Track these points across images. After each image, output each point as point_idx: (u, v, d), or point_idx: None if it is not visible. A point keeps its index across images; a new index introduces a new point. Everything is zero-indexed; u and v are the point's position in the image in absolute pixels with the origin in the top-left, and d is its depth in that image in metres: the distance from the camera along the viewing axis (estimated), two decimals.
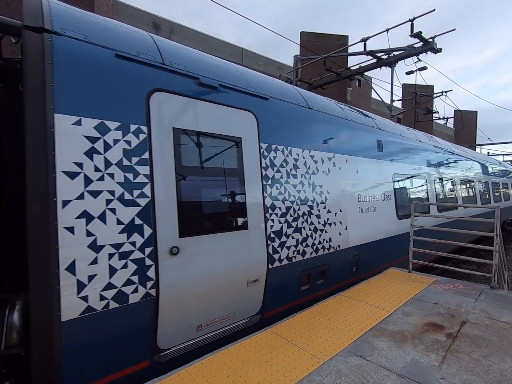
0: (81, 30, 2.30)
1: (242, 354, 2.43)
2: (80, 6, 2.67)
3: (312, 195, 3.85)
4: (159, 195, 2.45)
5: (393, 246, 5.31)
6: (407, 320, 3.07)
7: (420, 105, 15.39)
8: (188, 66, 2.88)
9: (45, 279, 1.93)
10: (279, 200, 3.40)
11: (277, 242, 3.31)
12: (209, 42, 18.19)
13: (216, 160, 2.91)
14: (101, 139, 2.21)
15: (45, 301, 1.94)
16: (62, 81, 2.09)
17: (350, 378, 2.13)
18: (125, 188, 2.29)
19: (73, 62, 2.17)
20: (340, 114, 4.81)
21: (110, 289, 2.16)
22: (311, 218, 3.79)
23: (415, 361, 2.35)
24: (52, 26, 2.14)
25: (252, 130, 3.27)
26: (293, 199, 3.57)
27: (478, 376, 2.18)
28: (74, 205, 2.05)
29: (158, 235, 2.41)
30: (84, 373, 2.13)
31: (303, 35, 17.76)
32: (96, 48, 2.32)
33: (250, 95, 3.35)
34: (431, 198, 6.93)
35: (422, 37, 8.61)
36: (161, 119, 2.55)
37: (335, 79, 11.49)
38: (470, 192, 9.59)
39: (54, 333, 1.94)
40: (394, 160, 5.74)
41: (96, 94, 2.23)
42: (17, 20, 2.23)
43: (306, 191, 3.77)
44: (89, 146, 2.16)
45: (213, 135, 2.91)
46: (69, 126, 2.08)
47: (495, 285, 4.02)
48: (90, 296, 2.08)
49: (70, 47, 2.19)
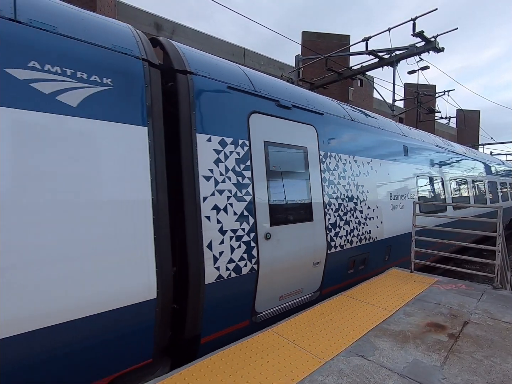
0: (205, 69, 3.03)
1: (244, 354, 2.44)
2: (82, 6, 2.68)
3: (356, 194, 4.61)
4: (257, 193, 3.21)
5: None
6: (409, 320, 3.06)
7: (422, 105, 15.35)
8: (271, 91, 3.64)
9: (196, 253, 2.67)
10: (333, 198, 4.17)
11: (333, 232, 4.08)
12: (210, 42, 18.22)
13: (290, 165, 3.67)
14: (222, 151, 2.98)
15: (196, 269, 2.66)
16: (199, 109, 2.83)
17: (351, 378, 2.13)
18: (237, 188, 3.04)
19: (204, 95, 2.91)
20: (375, 124, 5.58)
21: (231, 262, 2.93)
22: (356, 213, 4.53)
23: (417, 361, 2.35)
24: (190, 68, 2.86)
25: (314, 140, 4.03)
26: (343, 197, 4.33)
27: (480, 376, 2.17)
28: (209, 200, 2.81)
29: (258, 223, 3.18)
30: (214, 323, 2.93)
31: (305, 35, 17.75)
32: (216, 82, 3.06)
33: (311, 111, 4.10)
34: (447, 197, 7.64)
35: (424, 36, 8.58)
36: (256, 134, 3.31)
37: (337, 79, 11.47)
38: (480, 191, 10.20)
39: (201, 292, 2.69)
40: (417, 163, 6.51)
41: (218, 117, 2.99)
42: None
43: (352, 190, 4.53)
44: (216, 156, 2.92)
45: (288, 146, 3.67)
46: (204, 143, 2.84)
47: (497, 285, 4.01)
48: (221, 267, 2.83)
49: (202, 83, 2.91)
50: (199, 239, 2.69)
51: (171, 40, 3.16)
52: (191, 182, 2.72)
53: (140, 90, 2.46)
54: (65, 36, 2.17)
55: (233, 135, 3.08)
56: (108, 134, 2.25)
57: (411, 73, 12.23)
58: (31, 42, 2.00)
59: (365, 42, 9.82)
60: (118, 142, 2.30)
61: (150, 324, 2.41)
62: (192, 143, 2.74)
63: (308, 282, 3.79)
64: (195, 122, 2.77)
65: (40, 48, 2.03)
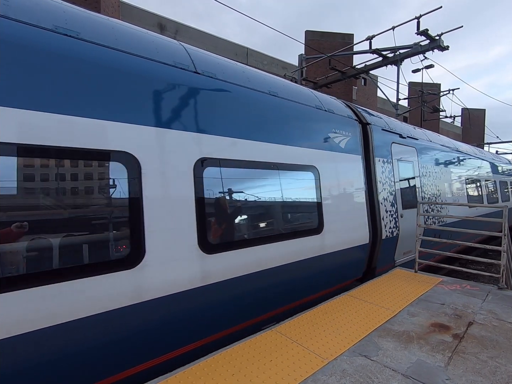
0: (376, 122, 5.46)
1: (247, 353, 2.44)
2: (87, 7, 2.71)
3: (436, 190, 7.15)
4: (401, 188, 5.72)
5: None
6: (413, 320, 3.05)
7: (426, 104, 15.22)
8: (397, 128, 6.12)
9: (379, 223, 4.96)
10: (425, 193, 6.59)
11: (427, 217, 6.73)
12: (213, 42, 18.23)
13: (407, 173, 6.09)
14: (383, 166, 5.30)
15: (379, 231, 4.93)
16: (375, 143, 5.17)
17: (354, 378, 2.13)
18: (389, 187, 5.38)
19: (376, 135, 5.24)
20: (446, 143, 8.52)
21: (390, 229, 5.20)
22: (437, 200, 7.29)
23: (420, 361, 2.34)
24: (369, 122, 5.22)
25: (415, 157, 6.48)
26: (429, 191, 6.75)
27: (485, 377, 2.15)
28: (381, 194, 5.10)
29: (398, 207, 5.50)
30: (380, 262, 5.05)
31: (308, 34, 17.68)
32: (378, 127, 5.43)
33: (413, 138, 6.59)
34: (469, 195, 9.48)
35: (429, 34, 8.51)
36: (394, 155, 5.66)
37: (340, 78, 11.43)
38: (494, 190, 11.78)
39: (379, 244, 4.92)
40: (451, 168, 8.35)
41: (381, 147, 5.34)
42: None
43: (433, 188, 7.01)
44: (381, 169, 5.25)
45: (406, 161, 6.11)
46: (377, 161, 5.16)
47: (503, 285, 3.97)
48: (386, 231, 5.09)
49: (375, 130, 5.27)
50: (377, 216, 4.95)
51: (175, 39, 3.23)
52: (374, 184, 5.01)
53: (358, 136, 4.90)
54: (339, 115, 4.70)
55: (385, 156, 5.39)
56: (352, 159, 4.69)
57: (416, 72, 12.13)
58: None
59: (369, 41, 9.77)
60: (355, 164, 4.74)
61: (364, 256, 4.75)
62: (373, 162, 5.07)
63: (413, 246, 5.18)
64: (374, 150, 5.11)
65: (337, 121, 4.57)
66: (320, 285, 3.99)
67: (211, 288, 2.72)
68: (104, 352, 2.19)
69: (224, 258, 2.85)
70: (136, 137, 2.42)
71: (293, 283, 3.57)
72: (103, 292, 2.15)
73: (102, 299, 2.14)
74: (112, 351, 2.22)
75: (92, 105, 2.24)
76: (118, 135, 2.33)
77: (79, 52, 2.26)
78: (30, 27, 2.08)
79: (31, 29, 2.09)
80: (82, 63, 2.25)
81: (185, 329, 2.64)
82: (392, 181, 5.41)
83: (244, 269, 3.00)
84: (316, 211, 3.91)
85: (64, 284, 2.00)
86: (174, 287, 2.49)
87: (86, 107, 2.21)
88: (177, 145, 2.66)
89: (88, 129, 2.20)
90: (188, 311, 2.62)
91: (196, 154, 2.77)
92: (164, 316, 2.48)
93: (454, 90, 14.68)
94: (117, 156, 2.31)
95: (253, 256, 3.10)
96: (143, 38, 2.82)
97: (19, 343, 1.84)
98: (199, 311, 2.70)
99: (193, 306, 2.65)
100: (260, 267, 3.14)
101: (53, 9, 2.32)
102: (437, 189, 7.05)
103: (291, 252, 3.50)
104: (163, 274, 2.44)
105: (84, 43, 2.33)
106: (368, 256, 4.80)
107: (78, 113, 2.17)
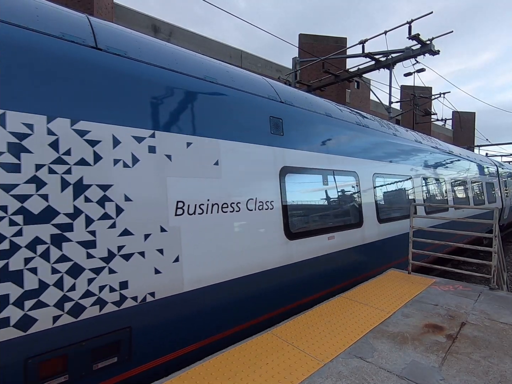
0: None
1: (243, 356, 2.43)
2: (80, 9, 2.69)
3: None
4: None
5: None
6: (407, 321, 3.08)
7: (418, 107, 15.45)
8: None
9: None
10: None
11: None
12: (208, 45, 18.25)
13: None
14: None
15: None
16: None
17: (350, 380, 2.14)
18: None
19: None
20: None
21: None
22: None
23: (415, 362, 2.36)
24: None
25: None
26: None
27: (478, 377, 2.18)
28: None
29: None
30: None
31: (302, 38, 17.81)
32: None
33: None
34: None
35: (420, 39, 8.66)
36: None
37: (334, 81, 11.53)
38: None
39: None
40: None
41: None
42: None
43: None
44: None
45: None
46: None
47: (494, 286, 4.04)
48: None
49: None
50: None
51: (169, 42, 3.21)
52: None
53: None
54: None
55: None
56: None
57: (407, 75, 12.32)
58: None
59: (362, 45, 9.90)
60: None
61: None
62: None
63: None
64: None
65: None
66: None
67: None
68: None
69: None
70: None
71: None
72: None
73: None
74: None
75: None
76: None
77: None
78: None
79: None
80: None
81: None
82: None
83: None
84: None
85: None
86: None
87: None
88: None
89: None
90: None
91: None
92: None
93: (445, 94, 14.93)
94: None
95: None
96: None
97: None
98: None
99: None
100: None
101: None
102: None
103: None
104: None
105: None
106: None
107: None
